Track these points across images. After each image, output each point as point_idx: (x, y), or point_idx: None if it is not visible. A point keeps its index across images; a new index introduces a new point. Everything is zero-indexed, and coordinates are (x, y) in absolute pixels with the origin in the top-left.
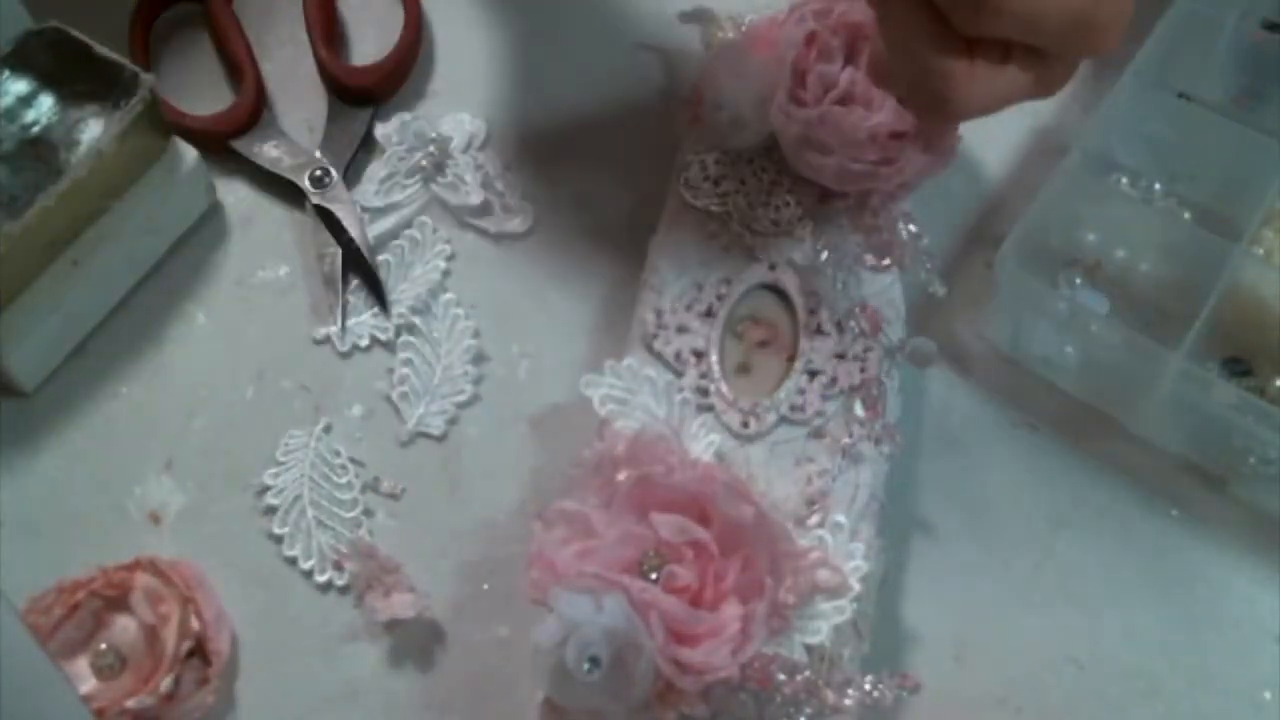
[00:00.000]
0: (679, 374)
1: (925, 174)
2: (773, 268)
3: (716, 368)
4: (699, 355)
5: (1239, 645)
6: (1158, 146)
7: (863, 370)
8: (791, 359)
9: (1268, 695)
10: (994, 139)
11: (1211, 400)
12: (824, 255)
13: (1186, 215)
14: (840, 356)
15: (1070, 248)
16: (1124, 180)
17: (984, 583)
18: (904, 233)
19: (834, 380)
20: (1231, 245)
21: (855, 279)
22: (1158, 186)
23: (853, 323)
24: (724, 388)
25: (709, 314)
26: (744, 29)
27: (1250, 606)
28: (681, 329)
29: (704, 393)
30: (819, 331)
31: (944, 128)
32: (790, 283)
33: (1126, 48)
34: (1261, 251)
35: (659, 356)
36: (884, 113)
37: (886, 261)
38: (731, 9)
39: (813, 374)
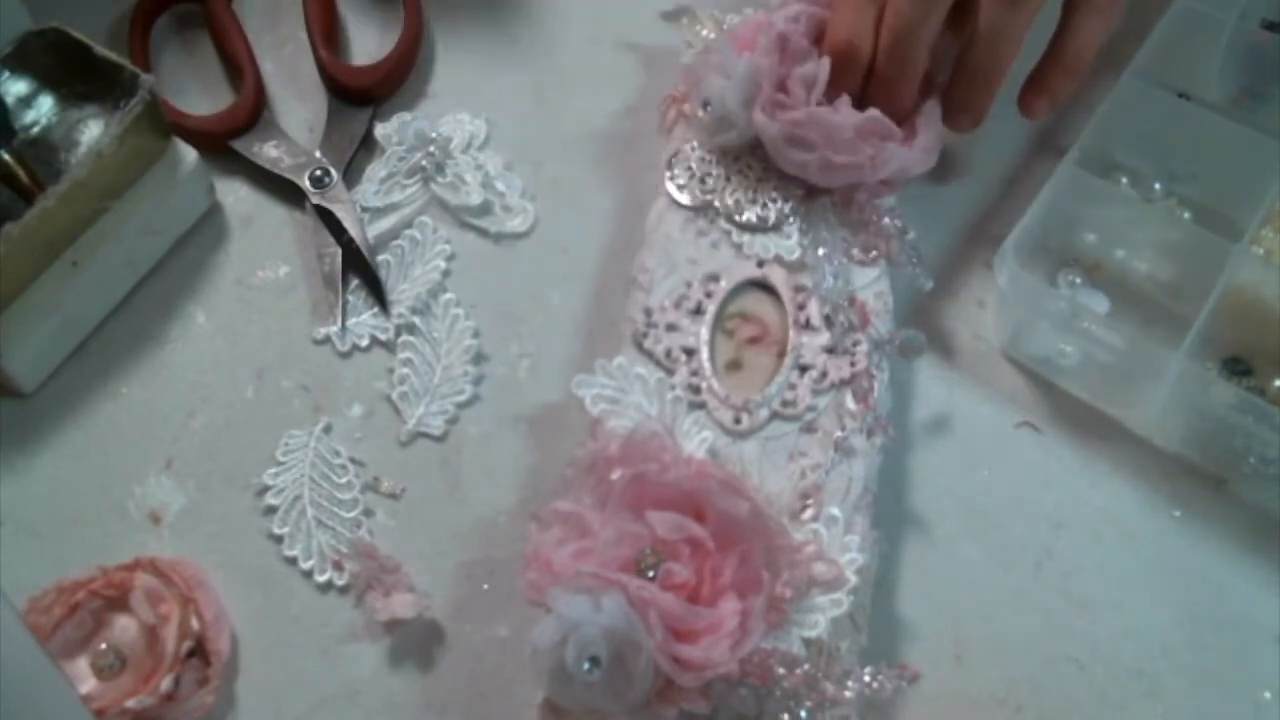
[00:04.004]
0: (670, 372)
1: (911, 169)
2: (761, 264)
3: (707, 365)
4: (689, 353)
5: (1239, 645)
6: (1158, 146)
7: (853, 364)
8: (782, 354)
9: (1268, 695)
10: (994, 139)
11: (1211, 400)
12: (811, 250)
13: (1186, 215)
14: (830, 351)
15: (1070, 248)
16: (1124, 180)
17: (984, 583)
18: (890, 227)
19: (824, 374)
20: (1231, 245)
21: (843, 273)
22: (1158, 186)
23: (842, 316)
24: (715, 385)
25: (698, 311)
26: (725, 27)
27: (1250, 606)
28: (671, 327)
29: (695, 390)
30: (808, 326)
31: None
32: (779, 278)
33: (1126, 48)
34: (1261, 251)
35: (649, 355)
36: (868, 113)
37: (874, 254)
38: (714, 7)
39: (803, 369)
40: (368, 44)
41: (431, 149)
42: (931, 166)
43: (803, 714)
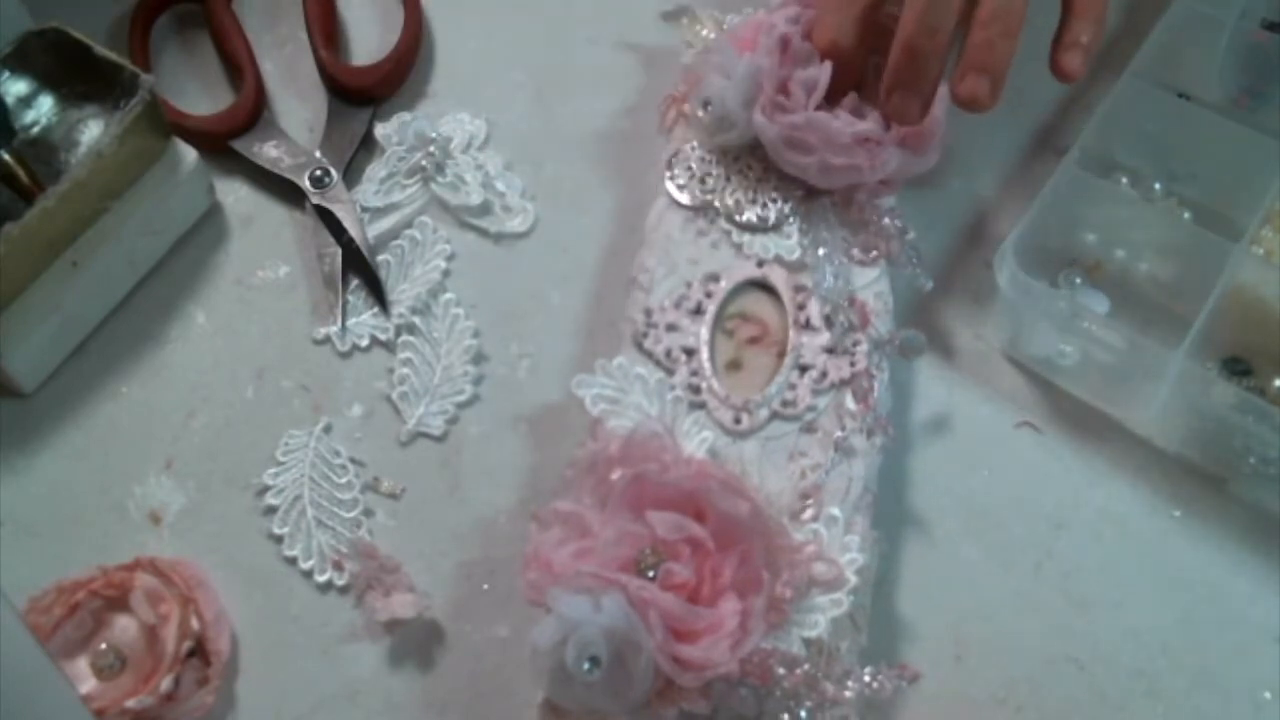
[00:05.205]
0: (670, 372)
1: (910, 170)
2: (761, 264)
3: (707, 365)
4: (689, 353)
5: (1239, 645)
6: (1158, 146)
7: (853, 364)
8: (782, 354)
9: (1268, 695)
10: (994, 139)
11: (1211, 400)
12: (811, 250)
13: (1186, 215)
14: (830, 351)
15: (1070, 248)
16: (1124, 180)
17: (984, 583)
18: (890, 227)
19: (824, 374)
20: (1231, 245)
21: (843, 273)
22: (1158, 186)
23: (842, 316)
24: (715, 385)
25: (698, 311)
26: (725, 27)
27: (1250, 606)
28: (671, 327)
29: (695, 390)
30: (808, 326)
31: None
32: (779, 279)
33: (1126, 48)
34: (1261, 251)
35: (649, 355)
36: (869, 120)
37: (874, 254)
38: (714, 7)
39: (803, 369)
40: (368, 44)
41: (431, 149)
42: (931, 166)
43: (803, 714)
